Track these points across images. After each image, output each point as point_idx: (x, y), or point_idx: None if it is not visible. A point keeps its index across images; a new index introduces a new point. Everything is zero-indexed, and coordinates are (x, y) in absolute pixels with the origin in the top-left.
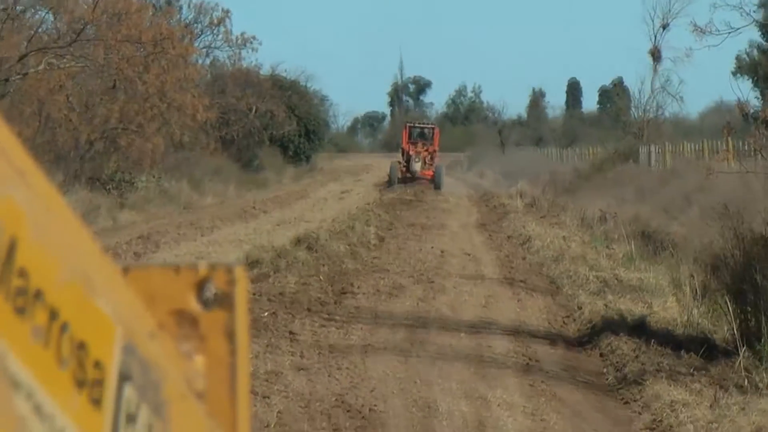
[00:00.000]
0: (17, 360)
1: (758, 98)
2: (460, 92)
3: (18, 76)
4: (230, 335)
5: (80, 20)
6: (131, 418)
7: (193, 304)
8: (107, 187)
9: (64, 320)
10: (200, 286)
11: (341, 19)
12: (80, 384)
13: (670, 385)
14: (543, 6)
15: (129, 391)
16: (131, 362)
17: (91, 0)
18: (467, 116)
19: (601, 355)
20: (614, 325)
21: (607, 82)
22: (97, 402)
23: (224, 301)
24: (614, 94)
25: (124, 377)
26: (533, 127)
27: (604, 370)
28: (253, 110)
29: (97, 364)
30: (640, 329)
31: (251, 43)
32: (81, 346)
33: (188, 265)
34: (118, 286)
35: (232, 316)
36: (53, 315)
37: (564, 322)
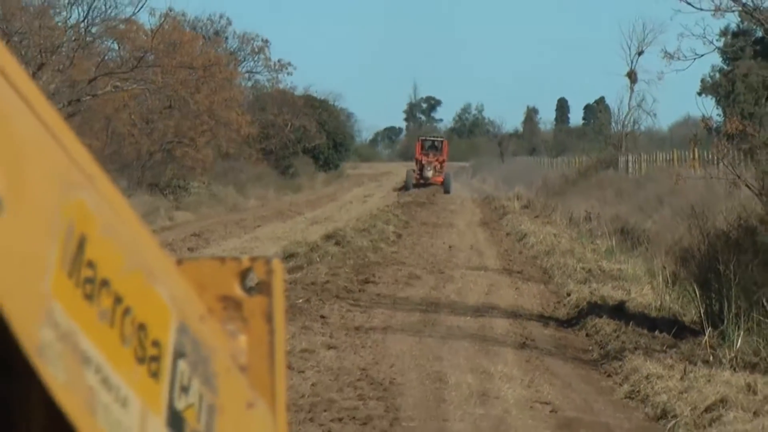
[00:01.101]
0: (87, 339)
1: (720, 114)
2: (466, 109)
3: (88, 97)
4: (269, 318)
5: (141, 49)
6: (185, 389)
7: (237, 291)
8: (165, 192)
9: (127, 305)
10: (243, 276)
11: (365, 47)
12: (140, 360)
13: (646, 360)
14: (537, 36)
15: (183, 365)
16: (184, 341)
17: (150, 31)
18: (471, 130)
19: (587, 334)
20: (598, 309)
21: (591, 100)
22: (155, 375)
23: (264, 289)
24: (597, 111)
25: (178, 354)
26: (528, 139)
27: (590, 347)
28: (289, 125)
29: (155, 343)
30: (620, 312)
31: (287, 68)
32: (141, 327)
33: (233, 258)
34: (173, 276)
35: (270, 302)
36: (117, 300)
37: (555, 306)
